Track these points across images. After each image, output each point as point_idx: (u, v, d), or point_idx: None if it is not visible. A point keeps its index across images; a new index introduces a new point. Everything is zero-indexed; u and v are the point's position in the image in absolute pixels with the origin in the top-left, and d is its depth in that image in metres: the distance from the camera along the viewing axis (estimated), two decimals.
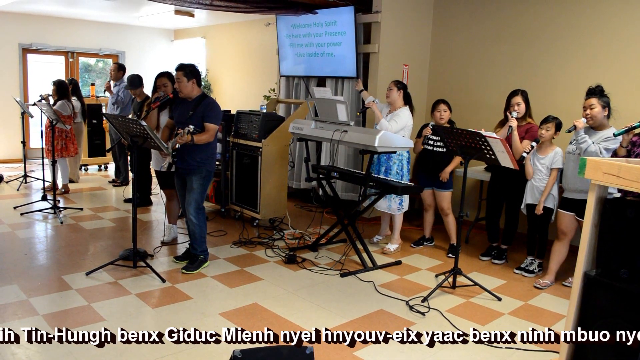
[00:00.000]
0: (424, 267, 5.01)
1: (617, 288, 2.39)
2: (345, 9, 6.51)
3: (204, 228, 4.65)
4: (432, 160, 5.27)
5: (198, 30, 10.92)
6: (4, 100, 9.60)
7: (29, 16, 9.82)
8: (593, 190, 2.43)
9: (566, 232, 4.49)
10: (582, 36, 5.48)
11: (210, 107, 4.47)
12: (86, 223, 5.96)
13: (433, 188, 5.36)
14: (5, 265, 4.51)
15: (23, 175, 7.91)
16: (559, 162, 4.55)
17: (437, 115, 5.19)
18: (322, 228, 5.78)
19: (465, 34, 6.54)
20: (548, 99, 5.67)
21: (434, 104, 5.28)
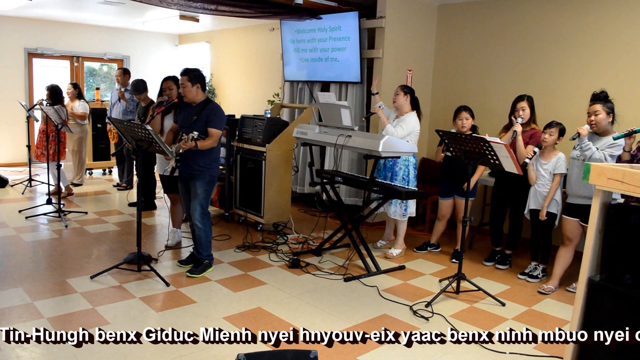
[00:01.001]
0: (428, 272, 5.01)
1: (621, 293, 2.39)
2: (349, 15, 6.53)
3: (209, 233, 4.66)
4: (455, 167, 5.14)
5: (203, 35, 10.96)
6: (10, 104, 9.65)
7: (34, 21, 9.88)
8: (597, 195, 2.44)
9: (571, 238, 4.48)
10: (585, 41, 5.49)
11: (215, 112, 4.48)
12: (91, 227, 5.98)
13: (455, 196, 5.29)
14: (10, 269, 4.53)
15: (28, 179, 7.94)
16: (561, 167, 4.54)
17: (459, 124, 5.08)
18: (326, 232, 5.78)
19: (469, 39, 6.55)
20: (552, 104, 5.67)
21: (456, 110, 5.17)
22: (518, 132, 4.69)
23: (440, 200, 5.42)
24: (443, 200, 5.39)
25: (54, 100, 7.11)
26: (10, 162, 9.89)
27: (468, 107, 5.15)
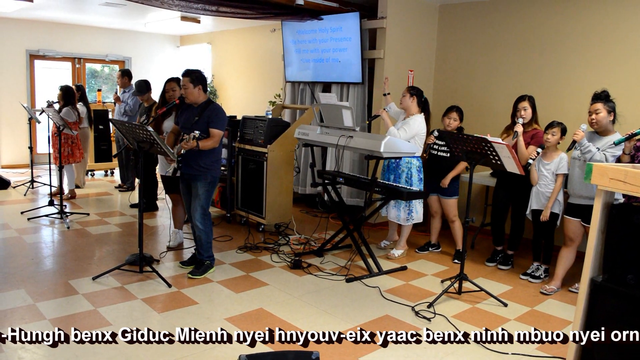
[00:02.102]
0: (430, 272, 5.00)
1: (623, 294, 2.39)
2: (350, 15, 6.53)
3: (210, 234, 4.66)
4: (436, 165, 5.25)
5: (204, 36, 10.97)
6: (12, 106, 9.67)
7: (36, 22, 9.89)
8: (599, 196, 2.43)
9: (573, 239, 4.48)
10: (587, 42, 5.48)
11: (216, 113, 4.49)
12: (92, 228, 5.98)
13: (438, 195, 5.35)
14: (12, 270, 4.53)
15: (30, 181, 7.95)
16: (564, 167, 4.54)
17: (445, 122, 5.18)
18: (328, 233, 5.78)
19: (470, 39, 6.55)
20: (553, 104, 5.66)
21: (447, 109, 5.25)
22: (519, 133, 4.68)
23: (429, 196, 5.45)
24: (430, 196, 5.41)
25: (65, 101, 7.12)
26: (12, 163, 9.90)
27: (459, 108, 5.22)
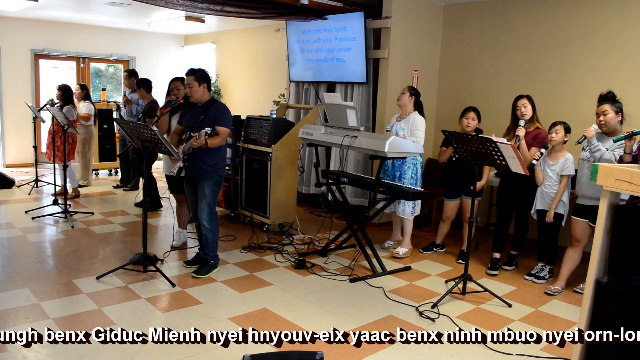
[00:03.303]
0: (434, 273, 4.99)
1: (629, 295, 2.38)
2: (355, 15, 6.52)
3: (216, 234, 4.67)
4: (462, 169, 5.11)
5: (208, 36, 10.98)
6: (16, 105, 9.70)
7: (41, 22, 9.93)
8: (605, 196, 2.42)
9: (580, 239, 4.46)
10: (590, 42, 5.46)
11: (222, 111, 4.49)
12: (97, 227, 6.00)
13: (462, 197, 5.27)
14: (16, 269, 4.55)
15: (34, 180, 7.98)
16: (569, 168, 4.52)
17: (464, 122, 5.14)
18: (332, 233, 5.77)
19: (474, 39, 6.54)
20: (557, 105, 5.65)
21: (464, 110, 5.21)
22: (521, 137, 4.66)
23: (446, 201, 5.40)
24: (449, 201, 5.37)
25: (65, 100, 7.14)
26: (16, 162, 9.94)
27: (476, 109, 5.19)
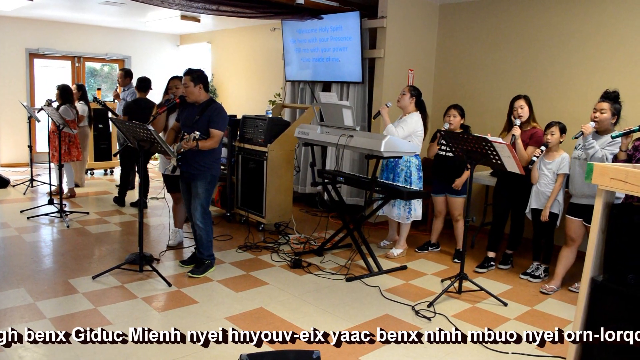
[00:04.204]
0: (430, 272, 5.00)
1: (624, 294, 2.39)
2: (350, 14, 6.53)
3: (210, 233, 4.66)
4: (445, 166, 5.23)
5: (204, 35, 10.97)
6: (11, 105, 9.66)
7: (35, 21, 9.89)
8: (600, 195, 2.43)
9: (574, 238, 4.48)
10: (587, 42, 5.48)
11: (217, 113, 4.48)
12: (92, 227, 5.98)
13: (446, 194, 5.34)
14: (12, 269, 4.53)
15: (29, 179, 7.94)
16: (565, 167, 4.54)
17: (446, 120, 5.18)
18: (328, 233, 5.78)
19: (470, 39, 6.55)
20: (553, 104, 5.67)
21: (447, 108, 5.24)
22: (517, 136, 4.67)
23: (433, 197, 5.44)
24: (436, 197, 5.41)
25: (63, 100, 7.12)
26: (11, 162, 9.90)
27: (458, 105, 5.22)
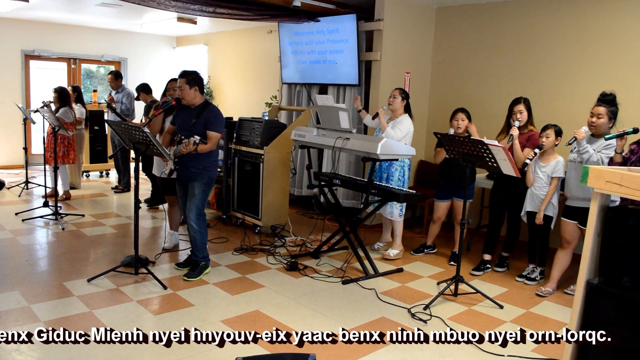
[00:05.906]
0: (426, 274, 5.00)
1: (619, 296, 2.39)
2: (347, 17, 6.54)
3: (204, 234, 4.65)
4: (455, 170, 5.13)
5: (200, 37, 10.96)
6: (6, 107, 9.62)
7: (31, 23, 9.86)
8: (595, 198, 2.44)
9: (570, 241, 4.48)
10: (582, 45, 5.50)
11: (214, 115, 4.48)
12: (87, 229, 5.96)
13: (453, 198, 5.31)
14: (6, 272, 4.51)
15: (24, 182, 7.91)
16: (560, 171, 4.55)
17: (454, 124, 5.15)
18: (324, 235, 5.77)
19: (466, 41, 6.57)
20: (548, 107, 5.68)
21: (453, 112, 5.22)
22: (515, 136, 4.69)
23: (437, 202, 5.42)
24: (440, 202, 5.39)
25: (61, 102, 7.10)
26: (6, 164, 9.86)
27: (465, 109, 5.20)
